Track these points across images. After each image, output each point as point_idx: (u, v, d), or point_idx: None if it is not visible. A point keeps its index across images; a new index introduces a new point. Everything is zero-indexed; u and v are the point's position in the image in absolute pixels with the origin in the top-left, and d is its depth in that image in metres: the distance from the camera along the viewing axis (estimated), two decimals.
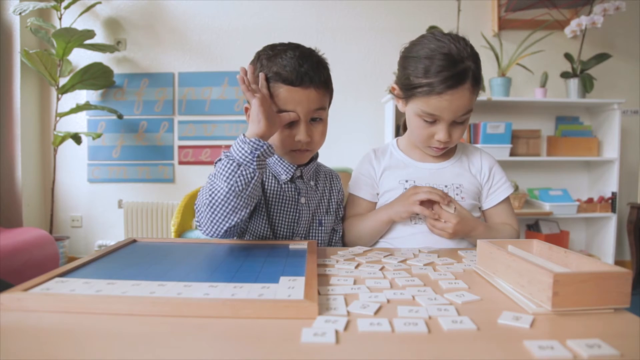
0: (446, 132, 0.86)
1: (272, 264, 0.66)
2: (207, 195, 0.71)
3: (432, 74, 0.82)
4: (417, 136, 0.91)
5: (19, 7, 2.51)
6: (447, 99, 0.82)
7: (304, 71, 0.81)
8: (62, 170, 2.93)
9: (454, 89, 0.81)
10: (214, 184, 0.72)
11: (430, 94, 0.82)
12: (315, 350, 0.38)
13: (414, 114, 0.88)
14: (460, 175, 0.97)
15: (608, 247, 2.67)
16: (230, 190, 0.70)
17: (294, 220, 0.91)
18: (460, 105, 0.83)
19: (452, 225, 0.86)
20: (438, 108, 0.83)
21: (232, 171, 0.70)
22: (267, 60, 0.83)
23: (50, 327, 0.43)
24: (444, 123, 0.85)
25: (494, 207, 0.98)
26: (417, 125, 0.90)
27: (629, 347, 0.39)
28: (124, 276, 0.57)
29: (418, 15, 2.82)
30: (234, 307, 0.46)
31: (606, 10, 2.42)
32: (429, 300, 0.51)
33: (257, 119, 0.74)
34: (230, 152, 0.73)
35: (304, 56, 0.83)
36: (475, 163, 1.00)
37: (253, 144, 0.72)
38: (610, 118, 2.66)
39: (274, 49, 0.85)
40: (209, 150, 2.94)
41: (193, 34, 2.91)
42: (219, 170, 0.71)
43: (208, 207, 0.71)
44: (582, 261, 0.56)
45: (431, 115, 0.85)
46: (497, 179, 0.99)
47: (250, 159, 0.71)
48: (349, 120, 2.82)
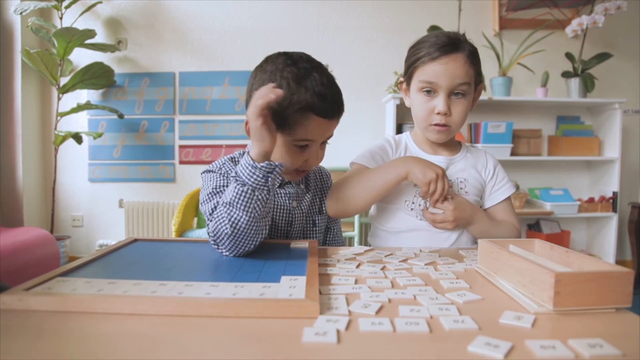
0: (445, 103, 0.89)
1: (273, 263, 0.66)
2: (227, 226, 0.68)
3: (430, 45, 0.89)
4: (419, 114, 0.93)
5: (20, 6, 2.51)
6: (443, 63, 0.87)
7: (335, 103, 0.80)
8: (63, 170, 2.93)
9: (449, 54, 0.87)
10: (231, 213, 0.68)
11: (427, 62, 0.89)
12: (317, 349, 0.38)
13: (416, 91, 0.93)
14: (465, 171, 0.98)
15: (609, 246, 2.66)
16: (251, 218, 0.68)
17: (287, 224, 0.91)
18: (456, 71, 0.88)
19: (450, 212, 0.87)
20: (435, 73, 0.88)
21: (249, 198, 0.67)
22: (295, 83, 0.77)
23: (51, 327, 0.43)
24: (442, 93, 0.89)
25: (496, 205, 1.00)
26: (418, 102, 0.93)
27: (631, 347, 0.39)
28: (125, 276, 0.57)
29: (419, 14, 2.82)
30: (235, 306, 0.46)
31: (607, 9, 2.42)
32: (430, 299, 0.51)
33: (260, 137, 0.69)
34: (239, 176, 0.69)
35: (331, 84, 0.81)
36: (480, 160, 1.02)
37: (265, 169, 0.68)
38: (612, 118, 2.66)
39: (297, 66, 0.79)
40: (209, 150, 2.94)
41: (194, 33, 2.91)
42: (234, 199, 0.68)
43: (231, 237, 0.69)
44: (583, 261, 0.56)
45: (429, 83, 0.89)
46: (500, 177, 1.01)
47: (263, 183, 0.68)
48: (349, 119, 2.79)
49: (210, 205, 0.77)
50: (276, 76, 0.78)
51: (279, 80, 0.77)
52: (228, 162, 0.87)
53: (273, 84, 0.72)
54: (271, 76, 0.79)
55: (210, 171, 0.86)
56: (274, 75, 0.78)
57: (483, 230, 0.92)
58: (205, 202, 0.80)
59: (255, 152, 0.70)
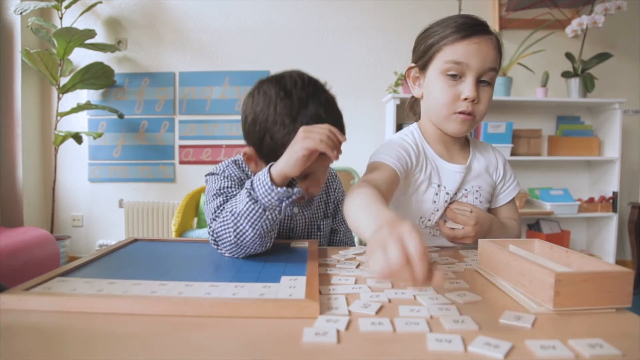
0: (474, 87, 0.79)
1: (273, 263, 0.66)
2: (232, 236, 0.68)
3: (455, 25, 0.81)
4: (441, 100, 0.83)
5: (20, 6, 2.51)
6: (475, 43, 0.79)
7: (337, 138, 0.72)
8: (63, 170, 2.93)
9: (480, 35, 0.80)
10: (238, 225, 0.67)
11: (455, 40, 0.80)
12: (317, 349, 0.38)
13: (438, 73, 0.82)
14: (480, 177, 0.93)
15: (609, 246, 2.66)
16: (256, 234, 0.67)
17: (288, 229, 0.91)
18: (487, 54, 0.80)
19: (471, 228, 0.83)
20: (465, 53, 0.79)
21: (259, 216, 0.66)
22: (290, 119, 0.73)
23: (51, 327, 0.43)
24: (471, 76, 0.80)
25: (503, 205, 0.97)
26: (440, 88, 0.82)
27: (630, 347, 0.39)
28: (125, 275, 0.57)
29: (419, 14, 2.82)
30: (235, 306, 0.46)
31: (607, 9, 2.42)
32: (430, 299, 0.51)
33: (294, 163, 0.66)
34: (254, 189, 0.67)
35: (328, 112, 0.76)
36: (491, 160, 0.96)
37: (282, 194, 0.66)
38: (612, 118, 2.66)
39: (291, 99, 0.74)
40: (209, 150, 2.94)
41: (194, 33, 2.91)
42: (243, 212, 0.67)
43: (234, 245, 0.69)
44: (583, 261, 0.55)
45: (458, 64, 0.79)
46: (509, 176, 0.97)
47: (276, 205, 0.67)
48: (349, 119, 2.79)
49: (214, 205, 0.77)
50: (270, 111, 0.74)
51: (272, 116, 0.73)
52: (231, 165, 0.87)
53: (343, 136, 0.70)
54: (264, 109, 0.75)
55: (215, 174, 0.86)
56: (268, 109, 0.74)
57: (495, 237, 0.89)
58: (209, 202, 0.80)
59: (277, 170, 0.67)
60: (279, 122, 0.73)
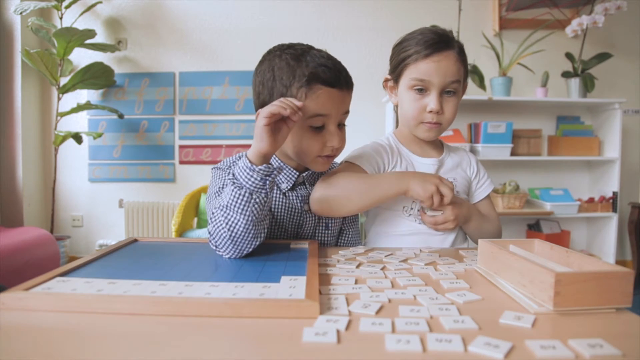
0: (437, 101, 0.88)
1: (273, 263, 0.66)
2: (225, 230, 0.68)
3: (420, 42, 0.89)
4: (410, 112, 0.92)
5: (20, 6, 2.51)
6: (435, 61, 0.87)
7: (340, 72, 0.80)
8: (63, 170, 2.93)
9: (441, 52, 0.87)
10: (229, 217, 0.68)
11: (418, 59, 0.88)
12: (317, 349, 0.38)
13: (406, 88, 0.92)
14: (453, 170, 1.00)
15: (609, 246, 2.66)
16: (248, 221, 0.68)
17: (297, 226, 0.89)
18: (448, 69, 0.87)
19: (450, 211, 0.86)
20: (427, 71, 0.88)
21: (246, 201, 0.67)
22: (295, 60, 0.78)
23: (51, 327, 0.43)
24: (435, 91, 0.88)
25: (480, 201, 1.03)
26: (409, 100, 0.92)
27: (631, 347, 0.39)
28: (125, 276, 0.57)
29: (419, 14, 2.82)
30: (235, 306, 0.46)
31: (607, 9, 2.42)
32: (430, 299, 0.51)
33: (260, 137, 0.70)
34: (236, 178, 0.69)
35: (331, 57, 0.81)
36: (464, 158, 1.03)
37: (263, 172, 0.68)
38: (611, 118, 2.66)
39: (294, 48, 0.81)
40: (209, 150, 2.94)
41: (194, 33, 2.91)
42: (231, 202, 0.68)
43: (229, 241, 0.69)
44: (583, 261, 0.55)
45: (421, 81, 0.88)
46: (482, 174, 1.04)
47: (261, 186, 0.68)
48: (349, 119, 2.81)
49: (214, 205, 0.77)
50: (275, 61, 0.79)
51: (278, 62, 0.78)
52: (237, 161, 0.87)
53: (300, 103, 0.72)
54: (270, 63, 0.80)
55: (220, 169, 0.86)
56: (273, 60, 0.80)
57: (477, 226, 0.93)
58: (210, 199, 0.81)
59: (252, 151, 0.70)
60: (284, 65, 0.78)
